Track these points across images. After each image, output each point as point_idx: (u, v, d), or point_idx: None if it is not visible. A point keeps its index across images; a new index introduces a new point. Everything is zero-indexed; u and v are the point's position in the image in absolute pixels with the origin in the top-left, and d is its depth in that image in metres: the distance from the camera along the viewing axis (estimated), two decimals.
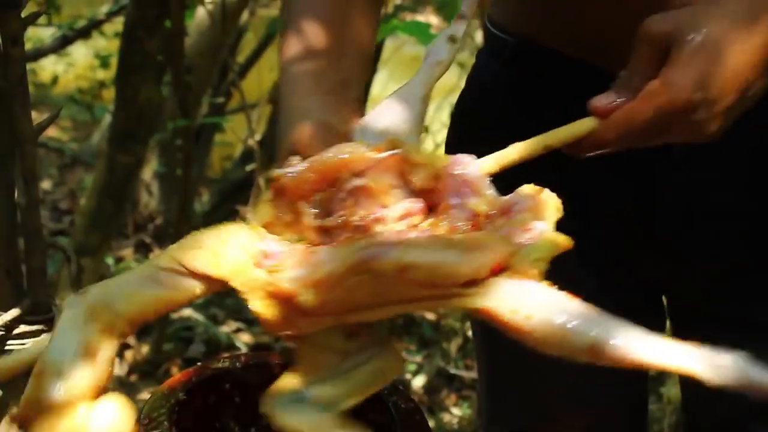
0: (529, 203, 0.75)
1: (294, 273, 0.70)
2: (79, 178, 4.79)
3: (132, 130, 2.64)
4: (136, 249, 3.97)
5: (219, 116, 3.91)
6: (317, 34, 1.01)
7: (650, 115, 0.86)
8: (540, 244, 0.70)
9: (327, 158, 0.79)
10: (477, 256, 0.67)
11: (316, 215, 0.79)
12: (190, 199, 2.90)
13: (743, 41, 0.84)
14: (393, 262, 0.66)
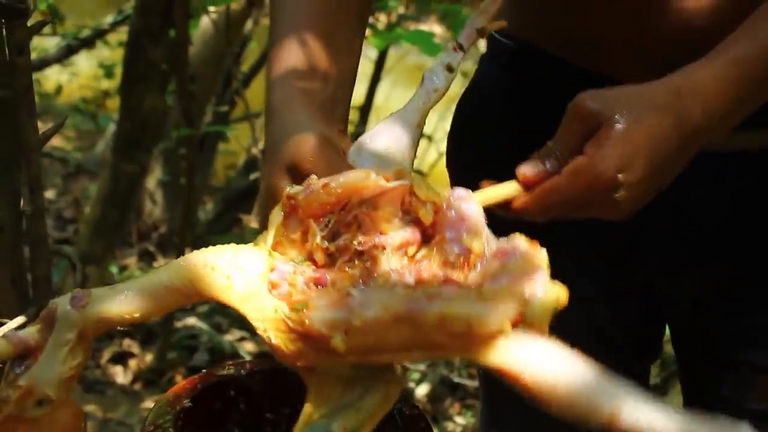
0: (523, 253, 0.77)
1: (329, 315, 0.70)
2: (83, 187, 4.80)
3: (136, 139, 2.65)
4: (140, 258, 3.98)
5: (223, 125, 3.92)
6: (305, 51, 1.01)
7: (573, 191, 0.89)
8: (546, 299, 0.73)
9: (342, 182, 0.80)
10: (504, 309, 0.70)
11: (323, 236, 0.79)
12: (193, 208, 2.90)
13: (663, 131, 0.89)
14: (436, 314, 0.69)
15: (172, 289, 0.74)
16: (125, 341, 3.30)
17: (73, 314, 0.72)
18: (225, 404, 0.96)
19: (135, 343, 3.29)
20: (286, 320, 0.71)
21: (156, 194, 4.16)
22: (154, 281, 0.75)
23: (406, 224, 0.81)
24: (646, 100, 0.91)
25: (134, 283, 0.75)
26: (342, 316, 0.70)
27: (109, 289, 0.75)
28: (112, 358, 3.18)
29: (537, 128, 1.18)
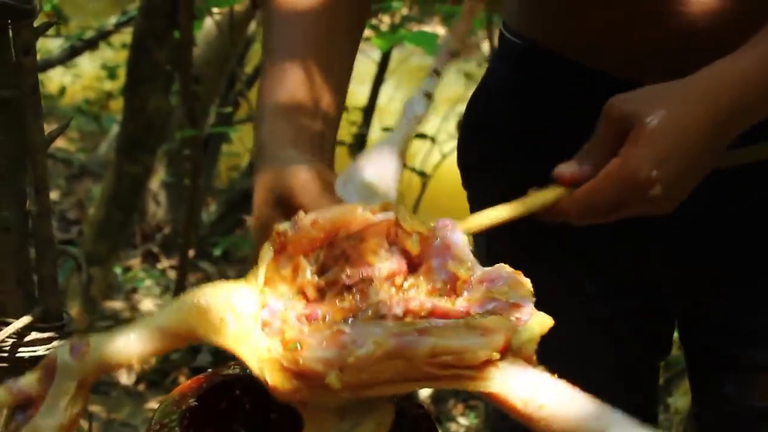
0: (508, 280, 0.79)
1: (323, 353, 0.72)
2: (87, 188, 4.80)
3: (140, 139, 2.65)
4: (144, 259, 3.98)
5: (226, 126, 3.92)
6: (297, 81, 1.01)
7: (611, 192, 0.92)
8: (531, 326, 0.75)
9: (330, 217, 0.82)
10: (492, 339, 0.72)
11: (313, 272, 0.81)
12: (197, 209, 2.91)
13: (695, 124, 0.92)
14: (427, 348, 0.71)
15: (169, 333, 0.76)
16: None
17: (73, 365, 0.73)
18: (230, 403, 0.96)
19: None
20: (281, 359, 0.72)
21: (160, 195, 4.17)
22: (151, 326, 0.76)
23: (393, 254, 0.82)
24: (676, 97, 0.93)
25: (131, 328, 0.76)
26: (336, 355, 0.71)
27: (107, 335, 0.76)
28: None
29: (542, 128, 1.18)
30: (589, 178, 0.94)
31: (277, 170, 0.93)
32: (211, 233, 4.13)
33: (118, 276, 3.62)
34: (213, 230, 4.16)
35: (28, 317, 1.07)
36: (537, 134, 1.21)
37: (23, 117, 1.02)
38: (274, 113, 1.00)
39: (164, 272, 3.90)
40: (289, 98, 1.00)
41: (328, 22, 1.05)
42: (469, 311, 0.76)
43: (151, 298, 3.69)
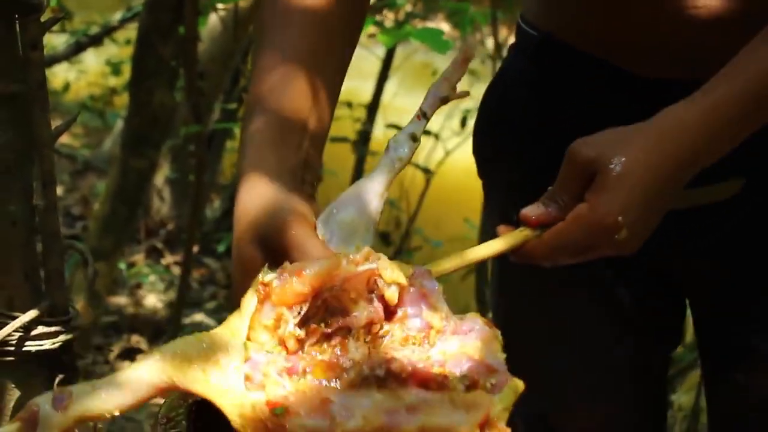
0: (481, 334, 0.82)
1: (310, 423, 0.73)
2: (91, 184, 4.81)
3: (145, 134, 2.65)
4: (148, 254, 3.99)
5: (231, 122, 3.93)
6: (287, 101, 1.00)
7: (579, 236, 0.96)
8: (506, 394, 0.78)
9: (316, 271, 0.83)
10: (475, 415, 0.75)
11: (295, 324, 0.82)
12: (202, 205, 2.91)
13: (656, 167, 0.96)
14: (416, 429, 0.73)
15: (151, 385, 0.76)
16: (134, 337, 3.31)
17: (55, 416, 0.73)
18: None
19: (143, 340, 3.30)
20: (265, 421, 0.73)
21: (164, 191, 4.17)
22: (133, 378, 0.76)
23: (371, 302, 0.84)
24: (637, 141, 0.97)
25: (113, 379, 0.77)
26: (323, 425, 0.73)
27: (89, 386, 0.76)
28: (121, 354, 3.20)
29: (558, 120, 1.20)
30: (555, 220, 0.97)
31: (257, 209, 0.92)
32: (215, 229, 4.14)
33: (122, 271, 3.62)
34: (217, 226, 4.16)
35: (35, 311, 1.07)
36: (553, 125, 1.22)
37: (30, 112, 1.02)
38: (259, 138, 0.98)
39: (168, 268, 3.91)
40: (274, 122, 0.99)
41: (318, 43, 1.04)
42: (446, 375, 0.79)
43: (155, 294, 3.69)
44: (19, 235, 1.06)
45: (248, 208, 0.93)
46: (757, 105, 0.97)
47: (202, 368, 0.77)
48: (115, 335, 3.33)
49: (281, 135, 0.98)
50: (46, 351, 1.10)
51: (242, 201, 0.95)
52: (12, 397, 1.12)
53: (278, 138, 0.98)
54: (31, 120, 1.02)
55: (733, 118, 0.97)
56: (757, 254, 1.21)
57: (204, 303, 3.72)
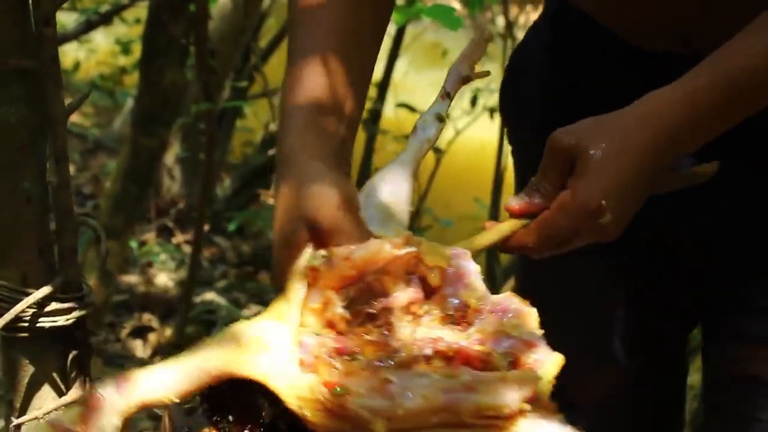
0: (517, 312, 0.85)
1: (371, 403, 0.75)
2: (102, 163, 4.82)
3: (156, 113, 2.65)
4: (159, 233, 4.00)
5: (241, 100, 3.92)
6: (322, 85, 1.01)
7: (564, 223, 0.97)
8: (548, 370, 0.81)
9: (361, 255, 0.86)
10: (523, 392, 0.77)
11: (343, 306, 0.84)
12: (212, 184, 2.91)
13: (634, 152, 0.97)
14: (472, 405, 0.75)
15: (207, 372, 0.79)
16: (145, 316, 3.32)
17: (120, 402, 0.76)
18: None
19: (154, 318, 3.32)
20: (324, 402, 0.75)
21: (174, 170, 4.17)
22: (191, 365, 0.79)
23: (411, 284, 0.86)
24: (615, 127, 0.98)
25: (173, 367, 0.80)
26: (384, 405, 0.75)
27: (148, 372, 0.78)
28: (132, 332, 3.21)
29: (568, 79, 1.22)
30: (539, 209, 0.99)
31: (303, 189, 0.93)
32: (225, 208, 4.14)
33: (133, 250, 3.63)
34: (227, 205, 4.17)
35: (49, 287, 1.07)
36: (563, 83, 1.27)
37: (43, 88, 1.02)
38: (299, 120, 1.00)
39: (179, 247, 3.92)
40: (313, 104, 1.00)
41: (353, 24, 1.05)
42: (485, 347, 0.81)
43: (166, 272, 3.70)
44: (32, 212, 1.06)
45: (291, 190, 0.94)
46: (740, 95, 0.98)
47: (255, 354, 0.79)
48: (127, 314, 3.34)
49: (322, 117, 0.99)
50: (59, 327, 1.10)
51: (285, 183, 0.96)
52: (26, 373, 1.13)
53: (319, 120, 0.99)
54: (44, 96, 1.02)
55: (716, 105, 0.98)
56: (744, 238, 1.21)
57: (215, 282, 3.73)
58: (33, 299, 1.06)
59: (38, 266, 1.08)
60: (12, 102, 1.02)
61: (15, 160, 1.03)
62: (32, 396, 1.14)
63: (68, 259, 1.09)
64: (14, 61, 1.01)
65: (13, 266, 1.07)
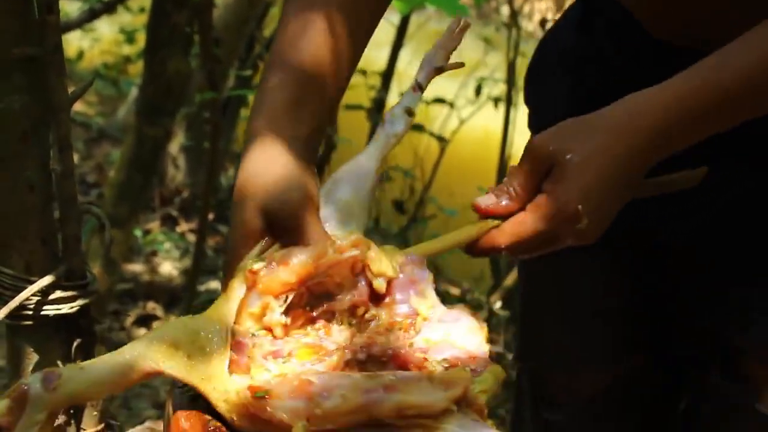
0: (467, 325, 0.84)
1: (290, 404, 0.74)
2: (106, 152, 4.82)
3: (160, 102, 2.65)
4: (163, 222, 4.00)
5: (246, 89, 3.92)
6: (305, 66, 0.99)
7: (540, 226, 0.95)
8: (485, 377, 0.79)
9: (303, 261, 0.85)
10: (453, 392, 0.76)
11: (281, 312, 0.84)
12: (216, 172, 2.90)
13: (612, 156, 0.95)
14: (393, 405, 0.74)
15: (138, 368, 0.78)
16: (149, 304, 3.32)
17: (45, 396, 0.75)
18: None
19: (159, 306, 3.32)
20: (248, 405, 0.75)
21: (179, 159, 4.17)
22: (120, 362, 0.79)
23: (355, 285, 0.86)
24: (592, 131, 0.96)
25: (102, 363, 0.79)
26: (303, 405, 0.74)
27: (77, 369, 0.78)
28: (137, 320, 3.21)
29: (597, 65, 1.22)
30: (506, 212, 0.96)
31: (268, 180, 0.93)
32: (230, 197, 4.13)
33: (137, 239, 3.63)
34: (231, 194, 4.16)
35: (52, 276, 1.07)
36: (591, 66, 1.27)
37: (46, 76, 1.02)
38: (277, 98, 0.98)
39: (183, 235, 3.92)
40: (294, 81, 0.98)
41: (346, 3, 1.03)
42: (426, 357, 0.80)
43: (170, 261, 3.70)
44: (36, 201, 1.06)
45: (258, 174, 0.94)
46: (730, 102, 0.96)
47: (187, 354, 0.78)
48: (131, 302, 3.35)
49: (298, 97, 0.97)
50: (63, 315, 1.10)
51: (252, 164, 0.95)
52: (31, 361, 1.13)
53: (295, 101, 0.97)
54: (47, 84, 1.02)
55: (704, 111, 0.96)
56: (731, 245, 1.21)
57: (219, 270, 3.73)
58: (37, 287, 1.06)
59: (42, 255, 1.08)
60: (15, 90, 1.01)
61: (18, 149, 1.03)
62: None
63: (72, 248, 1.09)
64: (17, 49, 1.01)
65: (17, 255, 1.07)
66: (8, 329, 1.12)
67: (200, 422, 0.77)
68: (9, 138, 1.02)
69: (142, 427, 1.21)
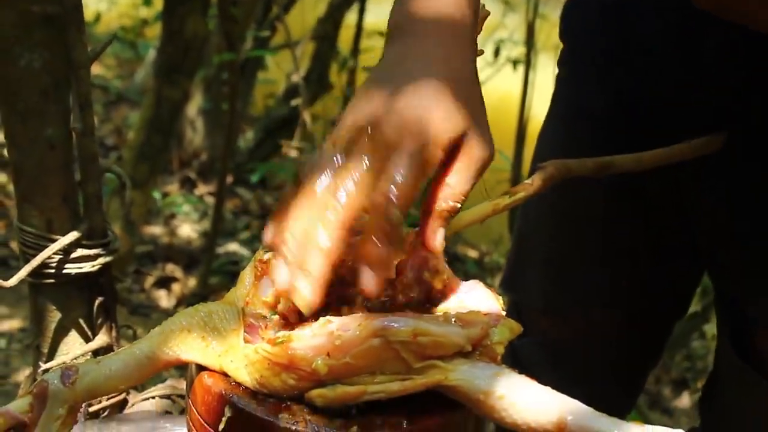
0: (482, 294, 0.83)
1: (311, 342, 0.74)
2: (124, 115, 4.82)
3: (178, 63, 2.64)
4: (182, 185, 4.01)
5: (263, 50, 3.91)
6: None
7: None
8: (503, 329, 0.77)
9: None
10: (471, 330, 0.75)
11: None
12: (235, 133, 2.90)
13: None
14: (409, 329, 0.73)
15: (154, 358, 0.78)
16: (169, 266, 3.34)
17: (64, 392, 0.76)
18: None
19: (178, 269, 3.33)
20: (270, 357, 0.74)
21: (197, 122, 4.17)
22: (137, 354, 0.78)
23: None
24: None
25: (118, 357, 0.79)
26: (324, 341, 0.73)
27: (95, 363, 0.78)
28: (156, 282, 3.23)
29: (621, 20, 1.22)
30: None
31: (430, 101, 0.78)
32: (248, 159, 4.14)
33: (157, 201, 3.64)
34: (250, 157, 4.17)
35: (75, 233, 1.08)
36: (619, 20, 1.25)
37: (66, 34, 1.01)
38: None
39: (202, 198, 3.93)
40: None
41: None
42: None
43: (189, 224, 3.72)
44: (56, 159, 1.06)
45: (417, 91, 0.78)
46: None
47: (201, 336, 0.78)
48: (151, 264, 3.36)
49: None
50: (85, 274, 1.11)
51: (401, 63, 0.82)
52: (53, 320, 1.14)
53: None
54: (67, 42, 1.02)
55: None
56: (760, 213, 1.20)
57: (237, 233, 3.75)
58: (59, 245, 1.07)
59: (63, 213, 1.08)
60: (35, 48, 1.01)
61: (39, 107, 1.03)
62: (59, 342, 1.15)
63: (93, 206, 1.10)
64: (37, 7, 1.00)
65: (39, 213, 1.07)
66: (31, 288, 1.13)
67: (223, 379, 0.77)
68: (29, 95, 1.02)
69: (164, 385, 1.22)
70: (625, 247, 1.34)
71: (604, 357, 1.43)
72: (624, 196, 1.29)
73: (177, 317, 0.80)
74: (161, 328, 0.79)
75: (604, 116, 1.26)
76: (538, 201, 1.25)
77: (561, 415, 0.71)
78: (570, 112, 1.33)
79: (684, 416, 3.07)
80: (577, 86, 1.33)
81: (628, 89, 1.23)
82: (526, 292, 1.45)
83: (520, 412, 0.73)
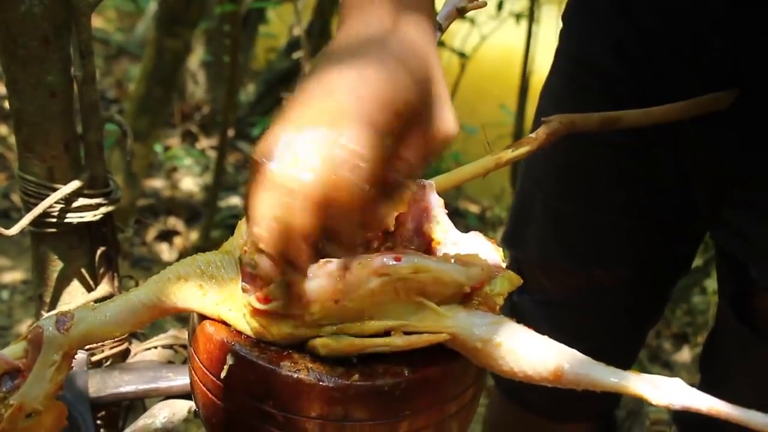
0: (482, 246, 0.81)
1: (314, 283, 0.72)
2: (125, 68, 4.80)
3: (180, 14, 2.62)
4: (183, 138, 3.99)
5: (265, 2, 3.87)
6: None
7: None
8: (503, 279, 0.77)
9: None
10: (471, 270, 0.75)
11: None
12: (236, 86, 2.89)
13: None
14: (410, 265, 0.72)
15: (150, 306, 0.78)
16: (170, 220, 3.34)
17: (59, 337, 0.76)
18: None
19: (180, 222, 3.33)
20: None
21: (198, 75, 4.15)
22: (133, 300, 0.78)
23: None
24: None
25: (114, 303, 0.78)
26: (326, 282, 0.72)
27: (90, 310, 0.77)
28: (158, 236, 3.23)
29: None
30: None
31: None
32: (249, 113, 4.13)
33: (158, 155, 3.63)
34: (252, 111, 4.15)
35: (76, 182, 1.07)
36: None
37: None
38: None
39: (203, 152, 3.92)
40: None
41: None
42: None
43: (191, 177, 3.71)
44: (57, 106, 1.06)
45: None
46: None
47: (198, 284, 0.78)
48: (153, 217, 3.36)
49: None
50: (87, 223, 1.11)
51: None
52: (55, 269, 1.14)
53: None
54: None
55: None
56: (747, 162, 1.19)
57: (239, 187, 3.74)
58: (61, 194, 1.06)
59: (64, 161, 1.08)
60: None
61: (39, 53, 1.02)
62: (62, 291, 1.15)
63: (95, 155, 1.09)
64: None
65: (40, 161, 1.07)
66: (33, 237, 1.13)
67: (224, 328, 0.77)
68: (29, 42, 1.01)
69: (167, 335, 1.22)
70: (629, 205, 1.34)
71: (604, 315, 1.43)
72: (628, 154, 1.28)
73: (175, 266, 0.80)
74: (159, 277, 0.79)
75: (608, 71, 1.25)
76: (542, 158, 1.24)
77: (558, 363, 0.71)
78: (574, 67, 1.32)
79: (684, 370, 3.09)
80: (581, 40, 1.31)
81: (632, 43, 1.21)
82: (528, 249, 1.45)
83: (518, 360, 0.72)
